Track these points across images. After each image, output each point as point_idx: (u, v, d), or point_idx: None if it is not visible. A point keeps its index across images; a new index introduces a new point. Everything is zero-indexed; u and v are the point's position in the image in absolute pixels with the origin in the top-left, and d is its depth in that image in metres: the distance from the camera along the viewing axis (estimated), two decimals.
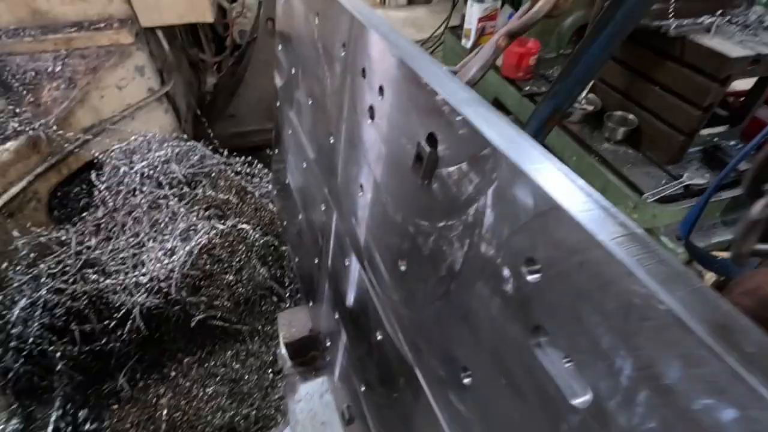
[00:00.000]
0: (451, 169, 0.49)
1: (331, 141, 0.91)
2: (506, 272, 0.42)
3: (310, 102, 1.04)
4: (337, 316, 1.01)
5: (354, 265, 0.82)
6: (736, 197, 2.21)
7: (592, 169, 2.45)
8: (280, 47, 1.34)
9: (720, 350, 0.25)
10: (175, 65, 2.37)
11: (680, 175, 2.23)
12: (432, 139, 0.53)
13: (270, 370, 1.72)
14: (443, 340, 0.55)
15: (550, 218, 0.37)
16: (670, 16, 2.11)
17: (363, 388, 0.89)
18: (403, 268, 0.64)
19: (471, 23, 3.60)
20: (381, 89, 0.65)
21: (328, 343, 1.16)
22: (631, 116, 2.47)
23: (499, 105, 3.25)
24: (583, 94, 2.65)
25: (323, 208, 1.01)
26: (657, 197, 2.15)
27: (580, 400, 0.35)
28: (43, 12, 1.94)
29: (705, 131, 2.38)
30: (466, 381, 0.50)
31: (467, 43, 3.73)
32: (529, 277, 0.39)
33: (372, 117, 0.69)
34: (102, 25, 1.97)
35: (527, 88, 3.00)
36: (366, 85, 0.70)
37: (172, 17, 2.10)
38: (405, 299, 0.66)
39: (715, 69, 1.98)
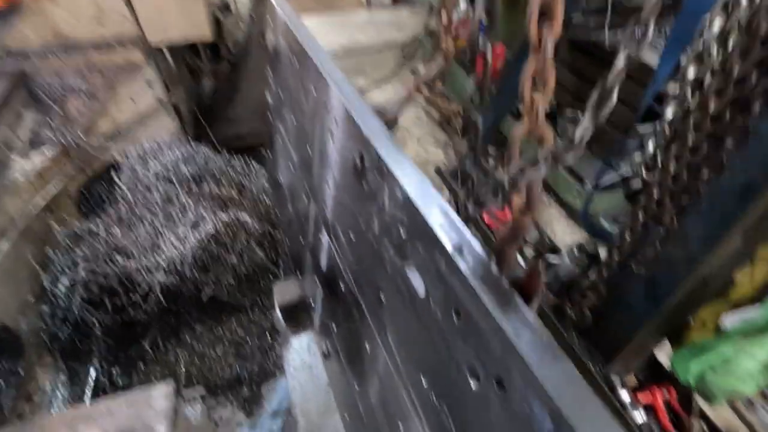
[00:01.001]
0: (370, 175, 0.85)
1: (309, 151, 1.25)
2: (394, 231, 0.78)
3: (294, 121, 1.39)
4: (316, 279, 1.37)
5: (325, 238, 1.17)
6: None
7: None
8: (270, 72, 1.68)
9: (465, 270, 0.61)
10: (177, 75, 2.69)
11: (618, 166, 2.59)
12: (362, 157, 0.88)
13: (268, 335, 2.08)
14: (372, 276, 0.91)
15: (409, 205, 0.72)
16: (605, 28, 2.45)
17: (335, 328, 1.25)
18: (352, 236, 1.00)
19: None
20: (336, 121, 0.99)
21: (312, 303, 1.52)
22: (580, 115, 2.83)
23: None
24: None
25: (305, 199, 1.36)
26: (596, 186, 2.52)
27: (422, 292, 0.71)
28: (65, 34, 2.25)
29: (641, 127, 2.75)
30: (382, 297, 0.86)
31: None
32: (402, 232, 0.75)
33: (332, 138, 1.04)
34: (116, 45, 2.29)
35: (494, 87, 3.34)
36: (328, 117, 1.05)
37: (176, 37, 2.41)
38: (355, 257, 1.01)
39: (642, 77, 2.33)
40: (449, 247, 0.63)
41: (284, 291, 1.72)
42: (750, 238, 1.03)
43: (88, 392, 1.84)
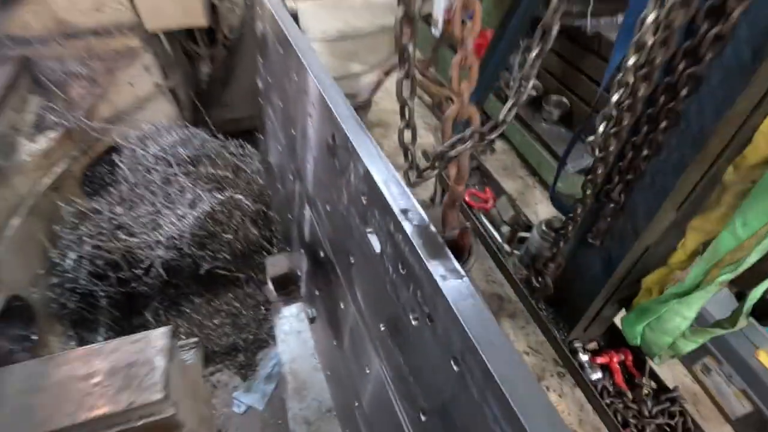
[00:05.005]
0: (340, 152, 0.97)
1: (293, 132, 1.37)
2: (358, 200, 0.90)
3: (281, 104, 1.50)
4: (302, 250, 1.50)
5: (307, 212, 1.30)
6: None
7: (531, 147, 2.92)
8: (259, 58, 1.78)
9: (409, 229, 0.73)
10: (175, 60, 2.78)
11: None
12: (333, 137, 1.00)
13: (263, 308, 2.23)
14: (343, 241, 1.04)
15: (369, 178, 0.84)
16: (589, 15, 2.53)
17: (318, 293, 1.39)
18: (328, 208, 1.12)
19: (438, 13, 3.97)
20: (313, 104, 1.11)
21: (299, 273, 1.65)
22: (564, 100, 2.92)
23: None
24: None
25: (291, 178, 1.48)
26: (577, 169, 2.63)
27: (377, 249, 0.84)
28: (65, 21, 2.34)
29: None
30: (351, 259, 0.99)
31: (435, 31, 4.11)
32: (364, 200, 0.87)
33: (311, 120, 1.16)
34: (115, 32, 2.37)
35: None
36: (308, 101, 1.16)
37: (172, 23, 2.50)
38: (331, 226, 1.14)
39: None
40: (396, 210, 0.76)
41: (275, 264, 1.85)
42: (682, 211, 1.15)
43: None
